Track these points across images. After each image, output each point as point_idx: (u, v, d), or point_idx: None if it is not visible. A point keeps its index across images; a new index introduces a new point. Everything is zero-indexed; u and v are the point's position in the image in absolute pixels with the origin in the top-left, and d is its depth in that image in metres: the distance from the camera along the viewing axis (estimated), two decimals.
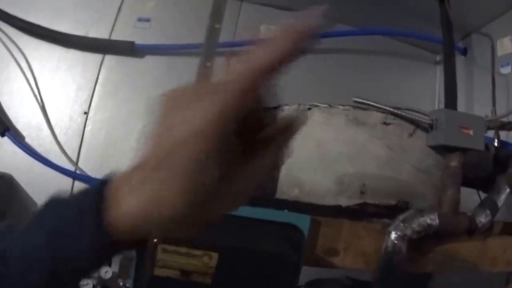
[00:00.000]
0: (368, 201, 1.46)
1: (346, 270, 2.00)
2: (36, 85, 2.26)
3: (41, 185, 2.19)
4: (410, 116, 1.50)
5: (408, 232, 1.43)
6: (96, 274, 1.98)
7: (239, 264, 1.24)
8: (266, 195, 1.45)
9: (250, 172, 0.55)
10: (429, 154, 1.54)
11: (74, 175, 2.22)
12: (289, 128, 0.56)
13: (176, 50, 2.48)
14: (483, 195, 1.72)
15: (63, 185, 2.21)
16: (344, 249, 1.43)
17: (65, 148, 2.23)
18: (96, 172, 2.22)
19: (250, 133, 0.55)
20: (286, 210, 1.40)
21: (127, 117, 2.30)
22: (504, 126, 1.99)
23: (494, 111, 2.14)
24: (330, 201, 1.44)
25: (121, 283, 1.85)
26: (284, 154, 0.59)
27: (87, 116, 2.29)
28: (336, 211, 1.44)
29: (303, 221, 1.33)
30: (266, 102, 0.54)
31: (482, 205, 1.65)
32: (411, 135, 1.51)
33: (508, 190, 1.69)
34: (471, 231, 1.57)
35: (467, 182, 1.71)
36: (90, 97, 2.30)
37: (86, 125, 2.29)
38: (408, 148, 1.50)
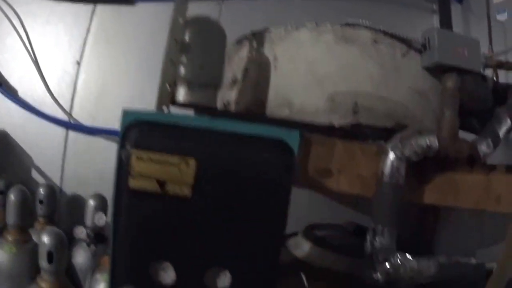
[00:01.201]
0: (362, 121, 1.31)
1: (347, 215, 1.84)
2: (28, 40, 2.13)
3: (35, 139, 2.10)
4: (401, 36, 1.33)
5: (407, 152, 1.27)
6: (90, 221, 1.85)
7: (220, 174, 1.08)
8: (254, 116, 1.29)
9: None
10: (425, 77, 1.40)
11: (68, 125, 2.09)
12: None
13: None
14: None
15: (57, 136, 2.08)
16: (339, 170, 1.27)
17: (58, 99, 2.11)
18: (89, 120, 2.09)
19: None
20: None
21: (119, 64, 2.17)
22: (502, 65, 1.82)
23: (491, 48, 1.96)
24: (321, 119, 1.29)
25: None
26: None
27: (79, 66, 2.14)
28: (329, 131, 1.28)
29: (293, 138, 1.15)
30: None
31: (483, 134, 1.49)
32: (404, 55, 1.35)
33: (509, 122, 1.52)
34: (473, 160, 1.40)
35: (465, 112, 1.55)
36: (82, 47, 2.16)
37: (79, 74, 2.14)
38: (402, 69, 1.36)
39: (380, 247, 1.26)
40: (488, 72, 1.73)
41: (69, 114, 2.10)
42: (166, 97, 1.25)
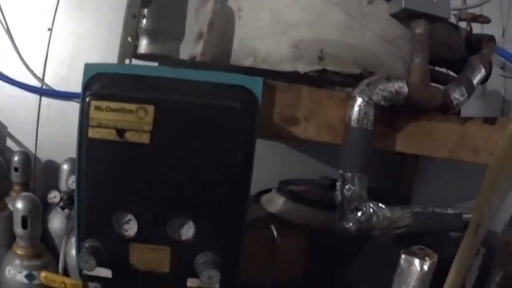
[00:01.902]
0: (328, 68, 1.26)
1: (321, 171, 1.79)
2: (0, 9, 2.06)
3: (9, 108, 2.06)
4: None
5: (375, 97, 1.23)
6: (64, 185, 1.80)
7: (180, 120, 1.04)
8: (219, 66, 1.24)
9: None
10: (394, 24, 1.36)
11: (41, 91, 2.05)
12: None
13: None
14: None
15: (31, 103, 2.04)
16: (306, 118, 1.23)
17: (31, 66, 2.05)
18: (62, 85, 2.05)
19: None
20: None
21: (91, 29, 2.12)
22: (476, 18, 1.75)
23: (464, 1, 1.89)
24: (286, 67, 1.25)
25: None
26: None
27: (51, 32, 2.08)
28: (295, 78, 1.23)
29: (256, 85, 1.10)
30: None
31: (456, 81, 1.44)
32: (370, 2, 1.30)
33: (483, 70, 1.46)
34: (446, 107, 1.34)
35: (439, 61, 1.50)
36: (54, 14, 2.10)
37: (51, 41, 2.09)
38: (369, 16, 1.32)
39: (350, 195, 1.22)
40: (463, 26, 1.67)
41: (41, 80, 2.05)
42: (128, 50, 1.24)
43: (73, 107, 2.02)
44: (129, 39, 1.23)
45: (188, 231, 1.07)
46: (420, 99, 1.29)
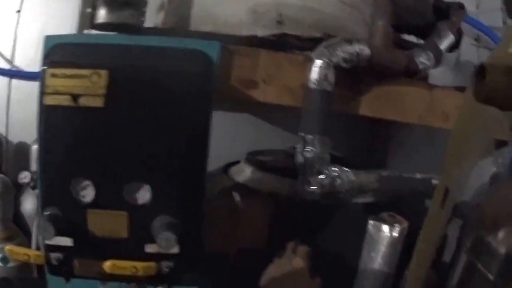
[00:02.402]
0: (287, 31, 1.25)
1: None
2: None
3: None
4: None
5: (334, 58, 1.22)
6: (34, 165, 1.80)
7: (134, 83, 1.04)
8: (179, 33, 1.24)
9: None
10: None
11: (11, 73, 2.03)
12: None
13: None
14: None
15: (0, 85, 2.01)
16: (265, 81, 1.22)
17: (0, 49, 2.03)
18: (31, 66, 2.02)
19: None
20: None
21: (59, 10, 2.08)
22: None
23: None
24: (245, 31, 1.24)
25: None
26: None
27: (19, 15, 2.08)
28: (254, 42, 1.23)
29: (212, 48, 1.09)
30: None
31: (422, 46, 1.43)
32: None
33: (451, 36, 1.46)
34: (411, 71, 1.34)
35: (404, 27, 1.49)
36: None
37: (19, 23, 2.08)
38: None
39: (311, 157, 1.22)
40: None
41: (11, 62, 2.04)
42: (87, 20, 1.26)
43: None
44: (88, 9, 1.23)
45: (144, 195, 1.07)
46: (383, 61, 1.29)
